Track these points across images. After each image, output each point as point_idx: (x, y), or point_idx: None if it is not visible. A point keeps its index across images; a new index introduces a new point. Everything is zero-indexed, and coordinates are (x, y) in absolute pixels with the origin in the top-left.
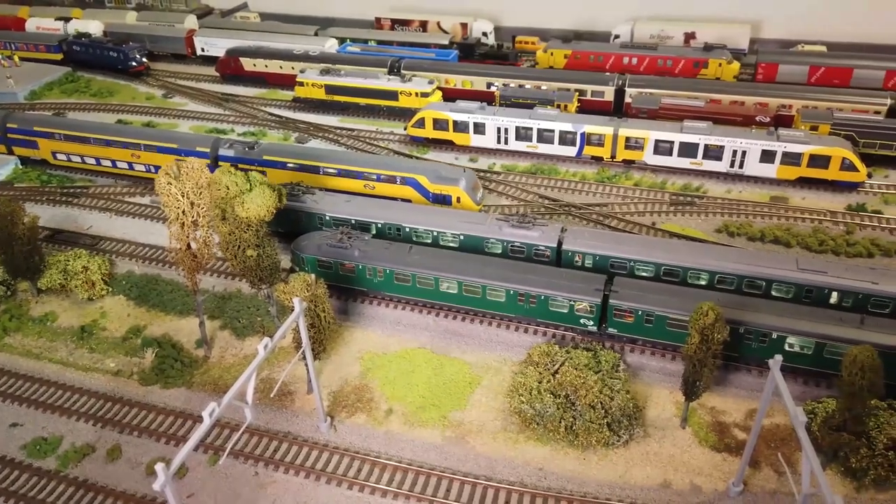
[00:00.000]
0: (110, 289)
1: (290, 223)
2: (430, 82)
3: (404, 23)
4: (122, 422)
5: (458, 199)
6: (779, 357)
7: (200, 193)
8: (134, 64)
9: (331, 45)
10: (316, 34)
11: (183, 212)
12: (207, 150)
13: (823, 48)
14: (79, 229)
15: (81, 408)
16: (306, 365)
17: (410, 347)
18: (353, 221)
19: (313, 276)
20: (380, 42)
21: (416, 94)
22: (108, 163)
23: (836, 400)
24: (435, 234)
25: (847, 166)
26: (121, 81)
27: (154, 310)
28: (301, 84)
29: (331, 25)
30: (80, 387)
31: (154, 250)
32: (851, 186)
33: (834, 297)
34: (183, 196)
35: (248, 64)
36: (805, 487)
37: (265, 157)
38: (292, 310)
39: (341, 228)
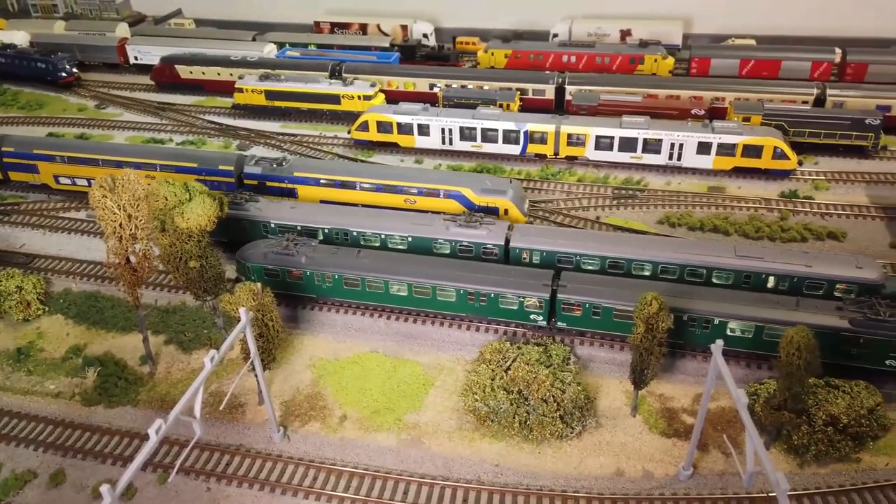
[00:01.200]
0: (47, 308)
1: (233, 232)
2: (373, 85)
3: (344, 26)
4: (65, 445)
5: (506, 211)
6: (720, 342)
7: (137, 205)
8: (63, 75)
9: (270, 50)
10: (254, 39)
11: (120, 225)
12: (231, 167)
13: (753, 42)
14: (10, 248)
15: (21, 433)
16: (256, 375)
17: (362, 352)
18: (300, 228)
19: (259, 284)
20: (320, 46)
21: (359, 97)
22: None
23: (777, 380)
24: (383, 237)
25: (779, 155)
26: (50, 93)
27: (94, 328)
28: (240, 90)
29: (269, 30)
30: (19, 411)
31: (92, 266)
32: (784, 174)
33: (771, 282)
34: (119, 209)
35: (184, 71)
36: (750, 466)
37: (296, 174)
38: (239, 320)
39: (287, 235)
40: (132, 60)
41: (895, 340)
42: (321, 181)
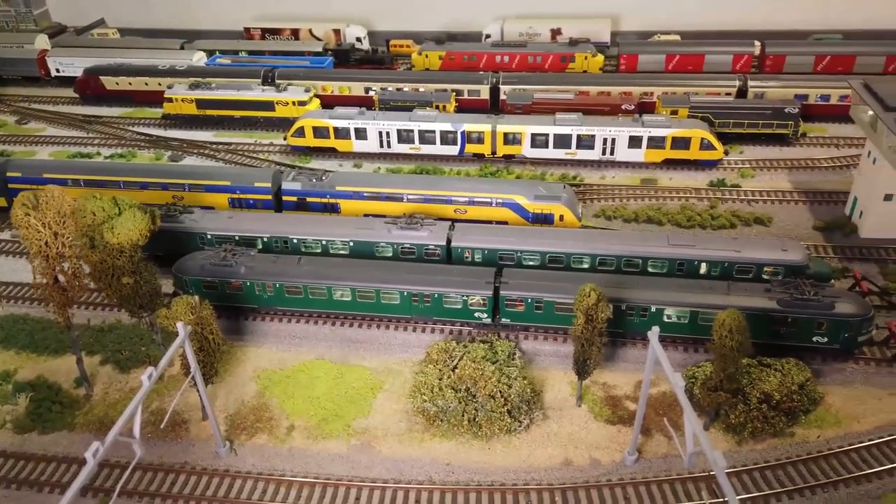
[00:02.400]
0: None
1: (169, 245)
2: (307, 90)
3: (275, 32)
4: None
5: (562, 217)
6: (656, 329)
7: (64, 222)
8: None
9: (199, 59)
10: (182, 48)
11: (46, 243)
12: (268, 184)
13: (677, 37)
14: None
15: None
16: (198, 390)
17: (308, 360)
18: (237, 238)
19: (197, 297)
20: (251, 52)
21: (293, 103)
22: None
23: (712, 363)
24: (324, 242)
25: (706, 146)
26: None
27: (24, 351)
28: (170, 100)
29: (197, 38)
30: None
31: (18, 288)
32: (711, 164)
33: (703, 268)
34: (44, 227)
35: (109, 83)
36: (689, 447)
37: (339, 189)
38: (177, 335)
39: (224, 246)
40: (53, 73)
41: (820, 318)
42: (365, 195)
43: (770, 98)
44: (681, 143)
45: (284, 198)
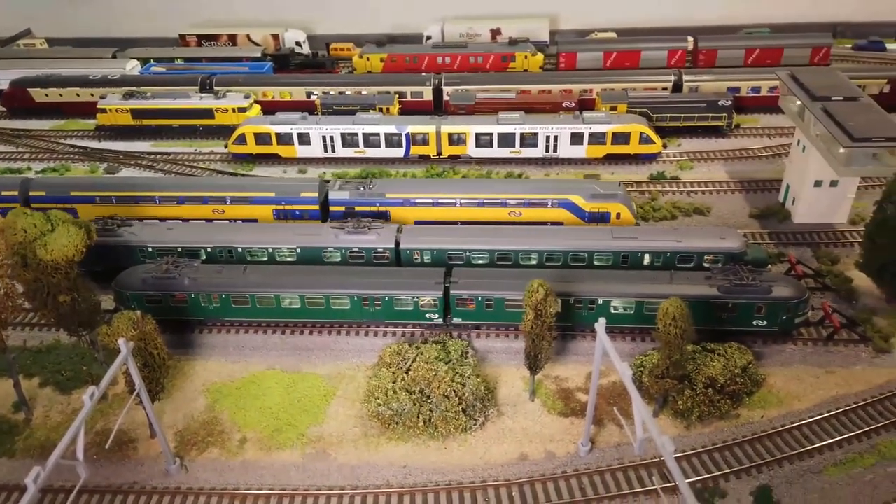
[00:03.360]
0: None
1: (108, 260)
2: (247, 96)
3: (212, 38)
4: None
5: (619, 215)
6: (603, 320)
7: None
8: None
9: (133, 67)
10: (114, 56)
11: None
12: (315, 194)
13: (614, 35)
14: None
15: None
16: (144, 408)
17: (258, 370)
18: (180, 249)
19: (139, 312)
20: (187, 60)
21: (233, 109)
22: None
23: (658, 351)
24: (270, 250)
25: (645, 140)
26: None
27: None
28: (104, 111)
29: (130, 46)
30: None
31: None
32: (651, 157)
33: (646, 259)
34: None
35: (38, 95)
36: (639, 434)
37: (388, 196)
38: (119, 352)
39: (166, 258)
40: None
41: (759, 302)
42: (416, 201)
43: (704, 91)
44: (621, 138)
45: (332, 208)
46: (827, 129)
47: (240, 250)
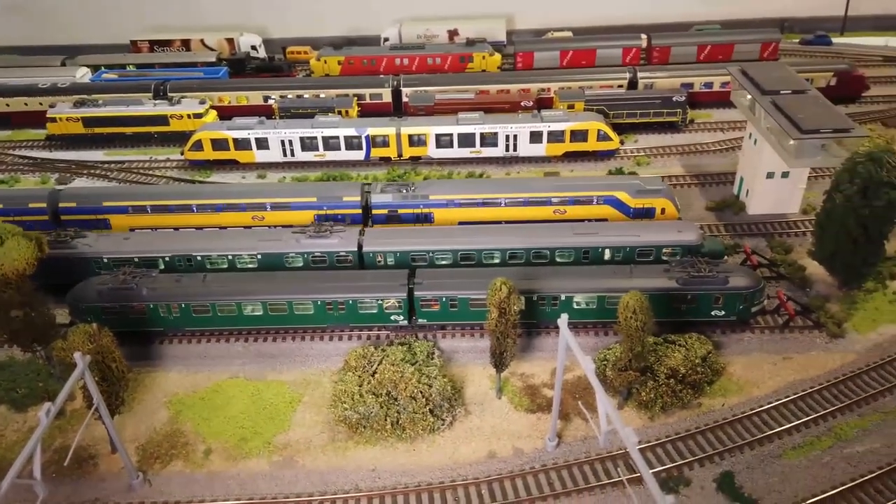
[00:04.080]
0: None
1: (62, 273)
2: (202, 102)
3: (164, 43)
4: None
5: (663, 210)
6: (565, 316)
7: None
8: None
9: (83, 74)
10: (63, 64)
11: None
12: (357, 198)
13: (570, 34)
14: None
15: None
16: (104, 422)
17: (222, 380)
18: (136, 259)
19: (96, 325)
20: (140, 66)
21: (189, 115)
22: None
23: (621, 344)
24: (230, 257)
25: (602, 137)
26: None
27: None
28: (53, 120)
29: (80, 53)
30: None
31: None
32: (609, 154)
33: (607, 254)
34: None
35: None
36: (603, 427)
37: (432, 198)
38: (75, 367)
39: (123, 269)
40: None
41: (717, 293)
42: (459, 202)
43: (659, 88)
44: (579, 135)
45: (374, 211)
46: (777, 122)
47: (199, 258)
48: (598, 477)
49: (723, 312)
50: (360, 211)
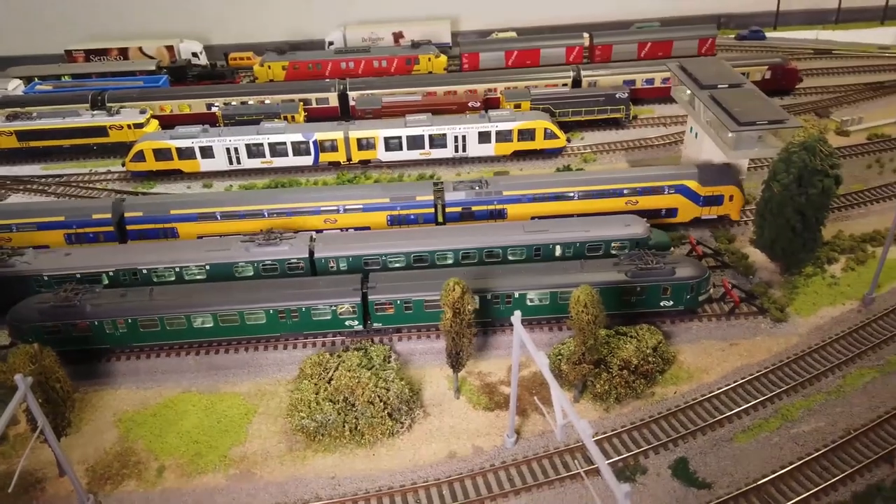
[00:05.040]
0: None
1: (0, 293)
2: (143, 112)
3: (101, 53)
4: None
5: (731, 198)
6: (518, 313)
7: None
8: None
9: (15, 87)
10: None
11: None
12: (431, 197)
13: (514, 34)
14: None
15: None
16: (50, 445)
17: (173, 395)
18: (79, 275)
19: (37, 345)
20: (76, 76)
21: (129, 126)
22: None
23: (574, 338)
24: (177, 269)
25: (549, 135)
26: None
27: None
28: None
29: (10, 65)
30: None
31: None
32: (556, 152)
33: (558, 251)
34: None
35: None
36: (559, 420)
37: (506, 193)
38: (16, 389)
39: (65, 286)
40: None
41: (665, 284)
42: (531, 196)
43: (602, 85)
44: (526, 134)
45: (448, 209)
46: (715, 115)
47: (145, 272)
48: (556, 471)
49: (671, 303)
50: (432, 210)
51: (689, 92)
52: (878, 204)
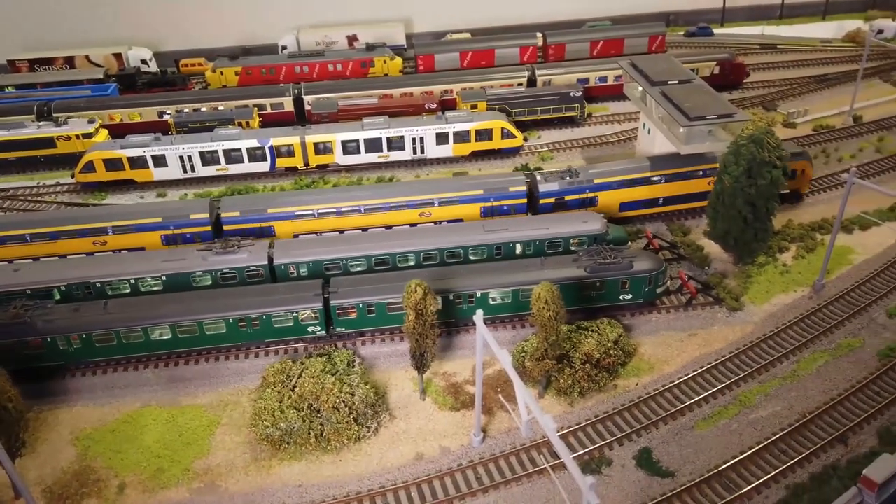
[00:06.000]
0: None
1: None
2: (92, 121)
3: (46, 62)
4: None
5: (803, 172)
6: (480, 312)
7: None
8: None
9: None
10: None
11: None
12: (523, 188)
13: (468, 35)
14: None
15: None
16: (4, 467)
17: (132, 410)
18: (29, 291)
19: None
20: (20, 87)
21: (77, 136)
22: None
23: (536, 335)
24: (132, 281)
25: (507, 135)
26: None
27: None
28: None
29: None
30: None
31: None
32: (514, 151)
33: (518, 249)
34: None
35: None
36: (523, 416)
37: (597, 181)
38: None
39: (15, 302)
40: None
41: (623, 278)
42: (622, 182)
43: (557, 84)
44: (484, 134)
45: (542, 200)
46: (667, 111)
47: (98, 285)
48: (524, 467)
49: (630, 296)
50: (524, 201)
51: (640, 89)
52: (825, 193)
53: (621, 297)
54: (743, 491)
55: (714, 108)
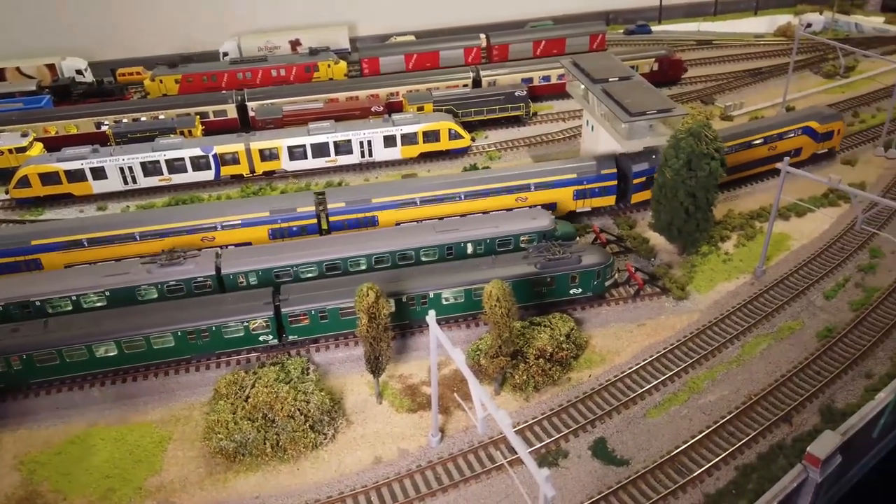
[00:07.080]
0: None
1: None
2: (25, 135)
3: None
4: None
5: (839, 132)
6: (432, 312)
7: None
8: None
9: None
10: None
11: None
12: (613, 169)
13: (412, 37)
14: None
15: None
16: None
17: (79, 430)
18: None
19: None
20: None
21: (10, 150)
22: None
23: (490, 333)
24: (74, 298)
25: (454, 136)
26: None
27: None
28: None
29: None
30: None
31: None
32: (462, 151)
33: (469, 248)
34: None
35: None
36: (479, 413)
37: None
38: None
39: None
40: None
41: (572, 272)
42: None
43: (501, 84)
44: (431, 136)
45: (635, 181)
46: (608, 108)
47: (38, 304)
48: (482, 464)
49: (580, 290)
50: (615, 182)
51: (583, 87)
52: (763, 182)
53: (571, 292)
54: (695, 474)
55: (654, 104)
